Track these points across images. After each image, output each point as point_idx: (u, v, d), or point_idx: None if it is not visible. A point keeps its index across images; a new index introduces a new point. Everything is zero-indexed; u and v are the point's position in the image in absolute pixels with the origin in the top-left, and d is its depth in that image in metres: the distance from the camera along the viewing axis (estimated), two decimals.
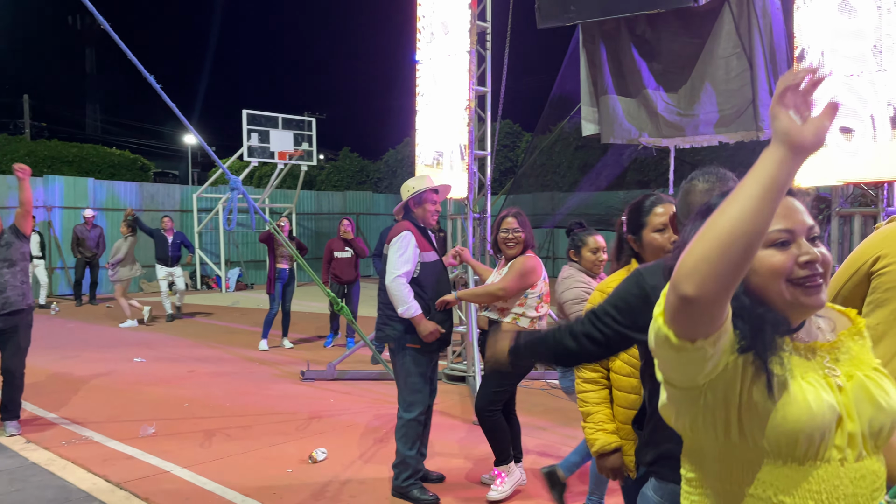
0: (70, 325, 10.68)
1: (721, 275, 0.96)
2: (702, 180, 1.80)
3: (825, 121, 0.99)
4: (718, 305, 0.99)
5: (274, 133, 15.77)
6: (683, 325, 1.02)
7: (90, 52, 42.11)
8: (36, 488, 4.09)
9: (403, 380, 3.95)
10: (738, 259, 0.96)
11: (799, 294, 1.14)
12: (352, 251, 8.58)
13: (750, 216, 0.95)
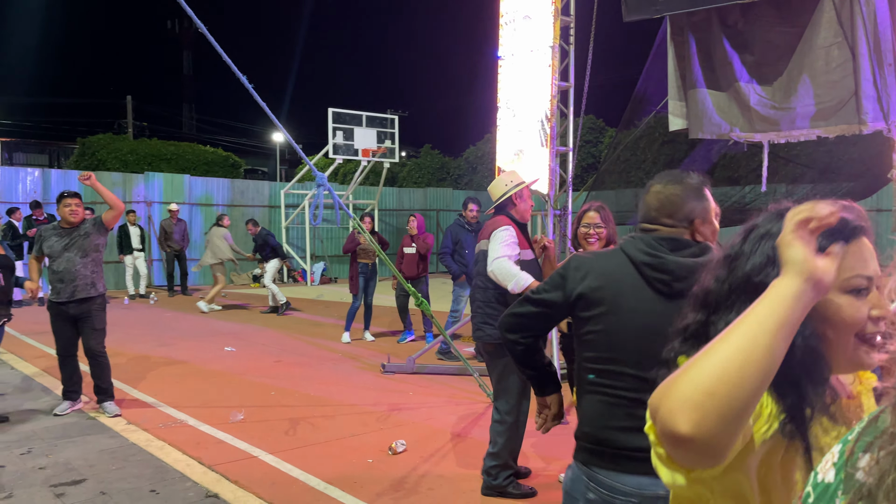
0: (167, 315, 11.27)
1: (726, 415, 0.85)
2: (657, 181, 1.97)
3: (835, 261, 0.93)
4: (722, 444, 0.87)
5: (358, 131, 16.11)
6: (683, 460, 0.91)
7: (187, 55, 44.22)
8: (135, 467, 4.35)
9: (505, 379, 3.87)
10: (749, 398, 0.85)
11: (863, 352, 1.02)
12: (416, 247, 8.69)
13: (764, 352, 0.86)
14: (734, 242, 1.13)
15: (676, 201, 1.90)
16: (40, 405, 5.76)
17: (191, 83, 44.80)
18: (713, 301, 1.10)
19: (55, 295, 5.36)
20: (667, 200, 1.91)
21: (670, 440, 0.87)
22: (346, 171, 21.50)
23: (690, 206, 1.91)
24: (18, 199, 14.19)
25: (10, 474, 4.20)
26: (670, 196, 1.91)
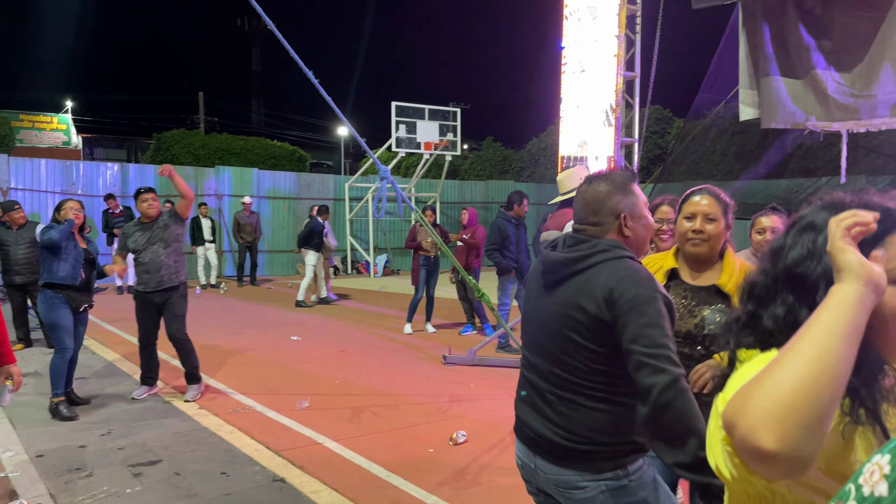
0: (236, 304, 11.64)
1: (810, 425, 0.84)
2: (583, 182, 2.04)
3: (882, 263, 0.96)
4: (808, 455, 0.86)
5: (421, 124, 16.21)
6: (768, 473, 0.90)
7: (256, 52, 45.33)
8: (207, 450, 4.52)
9: None
10: (829, 406, 0.85)
11: None
12: (467, 238, 8.70)
13: (838, 359, 0.87)
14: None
15: (600, 198, 1.94)
16: (119, 389, 6.05)
17: (259, 79, 45.94)
18: (759, 293, 1.12)
19: (142, 285, 5.63)
20: (592, 199, 1.96)
21: (754, 457, 0.86)
22: (409, 165, 21.68)
23: (614, 201, 1.94)
24: (99, 192, 14.89)
25: (92, 454, 4.43)
26: (594, 194, 1.96)
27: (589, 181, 2.00)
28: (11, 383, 3.33)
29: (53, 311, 5.21)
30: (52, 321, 5.23)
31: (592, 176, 2.02)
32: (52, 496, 3.75)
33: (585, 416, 1.83)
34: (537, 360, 1.94)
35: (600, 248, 1.87)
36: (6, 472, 4.08)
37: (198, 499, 3.73)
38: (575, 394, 1.84)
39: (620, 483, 1.85)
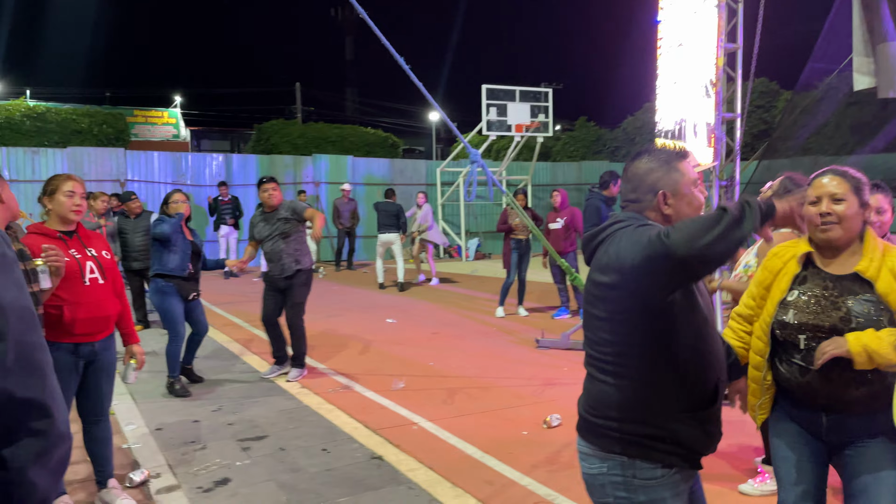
0: (334, 288, 12.02)
1: None
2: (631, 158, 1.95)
3: None
4: None
5: (511, 106, 16.08)
6: None
7: (349, 41, 46.26)
8: (309, 427, 4.72)
9: None
10: None
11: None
12: (563, 222, 8.55)
13: None
14: None
15: (639, 174, 1.88)
16: (229, 368, 6.39)
17: (353, 68, 46.93)
18: None
19: (269, 269, 5.96)
20: (632, 175, 1.90)
21: None
22: (500, 148, 21.59)
23: (653, 178, 1.85)
24: (205, 182, 15.72)
25: (205, 428, 4.72)
26: (635, 171, 1.90)
27: (633, 157, 1.95)
28: (135, 362, 3.59)
29: (165, 300, 5.54)
30: (164, 309, 5.56)
31: (637, 152, 1.96)
32: (171, 467, 4.03)
33: (598, 389, 1.85)
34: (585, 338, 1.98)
35: (618, 218, 1.85)
36: (129, 444, 4.41)
37: (301, 473, 3.90)
38: (593, 367, 1.87)
39: (625, 474, 1.80)
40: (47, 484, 1.05)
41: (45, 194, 3.25)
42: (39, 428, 1.01)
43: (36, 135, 15.32)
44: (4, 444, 0.98)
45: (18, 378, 0.98)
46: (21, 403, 0.98)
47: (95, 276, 3.27)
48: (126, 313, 3.57)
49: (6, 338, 0.96)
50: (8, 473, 0.99)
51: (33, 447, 1.01)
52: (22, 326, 0.99)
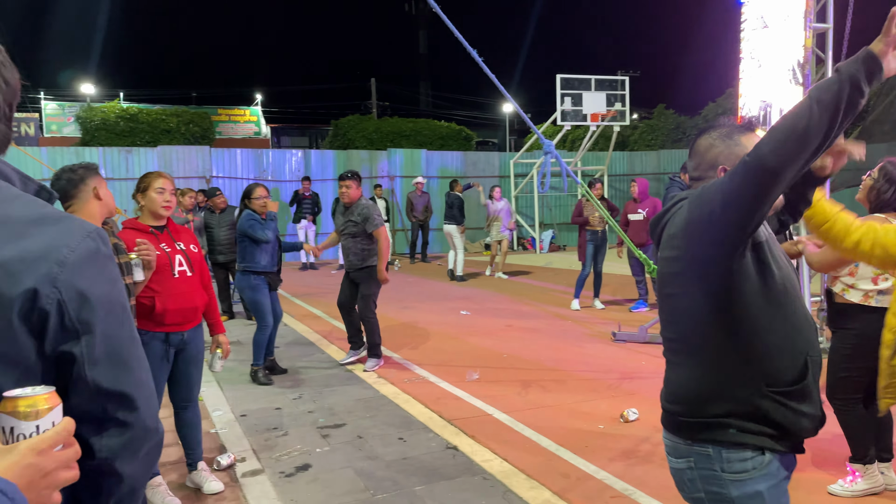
0: (409, 280, 12.17)
1: None
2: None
3: None
4: None
5: (587, 95, 15.82)
6: None
7: (423, 35, 46.51)
8: (385, 415, 4.82)
9: None
10: None
11: None
12: (644, 214, 8.33)
13: None
14: None
15: (700, 151, 1.86)
16: (308, 358, 6.59)
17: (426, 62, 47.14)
18: None
19: (345, 262, 6.20)
20: (694, 152, 1.89)
21: None
22: (575, 138, 21.27)
23: (714, 153, 1.81)
24: (286, 178, 16.20)
25: (286, 415, 4.89)
26: (696, 148, 1.88)
27: (697, 134, 1.91)
28: (221, 351, 3.76)
29: (256, 293, 5.75)
30: (256, 301, 5.77)
31: (702, 128, 1.92)
32: (255, 451, 4.19)
33: (675, 374, 1.80)
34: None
35: (679, 198, 1.82)
36: (216, 429, 4.61)
37: (378, 461, 3.99)
38: (669, 352, 1.84)
39: (712, 466, 1.70)
40: (135, 474, 1.09)
41: (139, 191, 3.43)
42: (125, 420, 1.05)
43: (129, 135, 16.16)
44: (92, 435, 1.03)
45: (106, 370, 1.02)
46: (108, 395, 1.03)
47: (184, 268, 3.43)
48: (213, 304, 3.73)
49: (93, 330, 1.00)
50: (96, 463, 1.04)
51: (119, 438, 1.05)
52: (111, 320, 1.03)
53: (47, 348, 0.97)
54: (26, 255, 0.95)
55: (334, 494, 3.57)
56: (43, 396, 0.87)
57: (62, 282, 0.97)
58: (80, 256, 1.00)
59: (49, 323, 0.96)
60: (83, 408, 1.01)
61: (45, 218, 1.00)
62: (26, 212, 0.99)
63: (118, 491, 1.08)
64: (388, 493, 3.56)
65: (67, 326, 0.98)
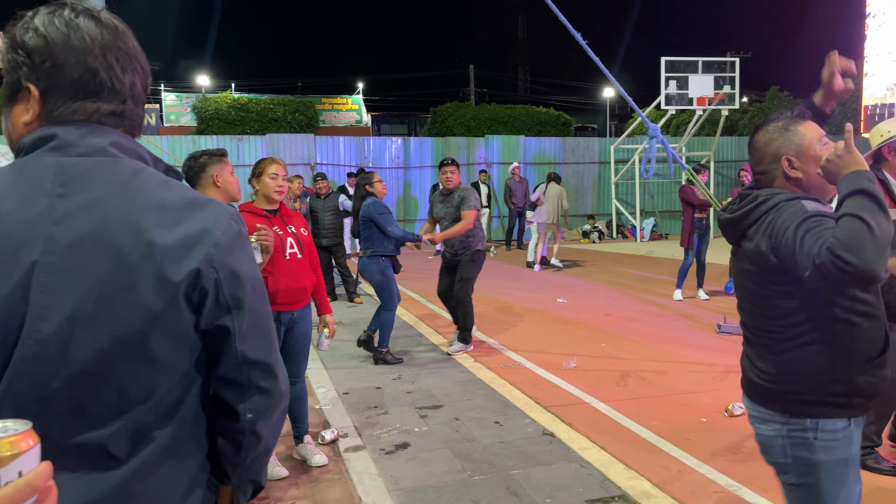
0: (504, 267, 12.18)
1: None
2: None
3: None
4: None
5: (693, 78, 15.21)
6: None
7: (522, 20, 46.10)
8: (482, 399, 4.87)
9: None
10: None
11: None
12: None
13: None
14: None
15: (759, 146, 1.91)
16: (406, 339, 6.74)
17: (525, 47, 46.71)
18: None
19: (444, 248, 6.30)
20: (754, 148, 1.93)
21: None
22: (680, 123, 20.50)
23: (774, 146, 1.86)
24: (385, 165, 16.56)
25: (386, 395, 5.04)
26: (755, 143, 1.93)
27: (753, 131, 1.95)
28: (328, 331, 3.92)
29: (385, 276, 5.91)
30: (385, 283, 5.90)
31: (757, 125, 1.96)
32: (357, 428, 4.36)
33: (776, 358, 1.88)
34: (742, 313, 2.02)
35: (760, 200, 1.84)
36: (320, 405, 4.82)
37: (475, 443, 4.05)
38: (767, 338, 1.91)
39: (805, 435, 1.83)
40: (270, 436, 1.21)
41: (254, 176, 3.62)
42: (266, 387, 1.16)
43: (240, 124, 16.98)
44: (238, 401, 1.15)
45: (251, 342, 1.12)
46: (253, 364, 1.13)
47: (294, 250, 3.60)
48: (321, 285, 3.89)
49: (243, 306, 1.10)
50: (240, 425, 1.16)
51: (261, 403, 1.16)
52: (255, 296, 1.13)
53: (203, 323, 1.07)
54: (187, 239, 1.04)
55: (432, 473, 3.66)
56: (5, 441, 0.69)
57: (218, 262, 1.06)
58: (229, 238, 1.09)
59: (207, 300, 1.06)
60: (230, 376, 1.13)
61: (195, 202, 1.09)
62: (178, 197, 1.08)
63: (255, 450, 1.20)
64: (484, 474, 3.61)
65: (221, 303, 1.07)
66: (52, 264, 0.98)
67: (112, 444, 1.01)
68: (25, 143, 1.05)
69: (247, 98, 18.22)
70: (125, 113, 1.11)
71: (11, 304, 0.96)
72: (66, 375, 0.98)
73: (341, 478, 3.66)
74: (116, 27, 1.10)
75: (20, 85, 1.05)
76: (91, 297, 0.98)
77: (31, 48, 1.04)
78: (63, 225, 0.99)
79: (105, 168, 1.04)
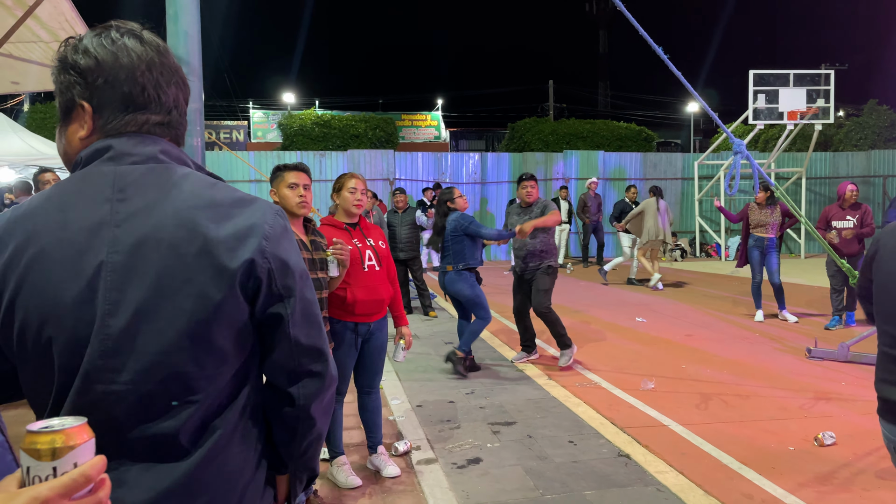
0: (581, 284, 12.00)
1: None
2: None
3: None
4: None
5: (783, 91, 14.62)
6: None
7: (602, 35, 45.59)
8: (556, 418, 4.80)
9: None
10: None
11: None
12: (853, 221, 7.49)
13: None
14: None
15: None
16: (480, 354, 6.73)
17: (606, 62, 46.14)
18: None
19: (516, 264, 6.28)
20: None
21: None
22: (768, 138, 19.73)
23: None
24: (462, 180, 16.67)
25: (459, 409, 5.04)
26: None
27: None
28: (404, 342, 3.97)
29: (475, 288, 5.97)
30: (475, 295, 5.95)
31: None
32: (429, 441, 4.38)
33: None
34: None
35: None
36: (394, 417, 4.87)
37: (548, 462, 4.00)
38: None
39: None
40: (322, 419, 1.26)
41: (334, 191, 3.73)
42: (318, 371, 1.22)
43: (322, 140, 17.51)
44: (291, 385, 1.20)
45: (303, 328, 1.19)
46: (305, 349, 1.19)
47: (373, 263, 3.67)
48: (398, 298, 3.95)
49: (294, 293, 1.17)
50: (295, 409, 1.21)
51: (313, 387, 1.22)
52: (304, 284, 1.19)
53: (257, 312, 1.14)
54: (238, 233, 1.11)
55: (504, 490, 3.63)
56: (62, 434, 0.73)
57: (269, 252, 1.13)
58: (277, 231, 1.16)
59: (261, 289, 1.13)
60: (283, 362, 1.19)
61: (242, 200, 1.16)
62: (226, 195, 1.15)
63: (310, 434, 1.25)
64: (557, 493, 3.56)
65: (274, 291, 1.14)
66: (118, 263, 1.06)
67: (180, 434, 1.07)
68: (83, 156, 1.14)
69: (330, 115, 18.76)
70: (171, 123, 1.20)
71: (83, 303, 1.04)
72: (135, 368, 1.05)
73: (413, 490, 3.68)
74: (158, 45, 1.18)
75: (74, 103, 1.14)
76: (155, 292, 1.05)
77: (83, 68, 1.13)
78: (125, 227, 1.07)
79: (158, 173, 1.13)
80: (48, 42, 4.52)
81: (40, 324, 1.04)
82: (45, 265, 1.05)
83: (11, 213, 1.12)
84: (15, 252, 1.06)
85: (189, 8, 2.99)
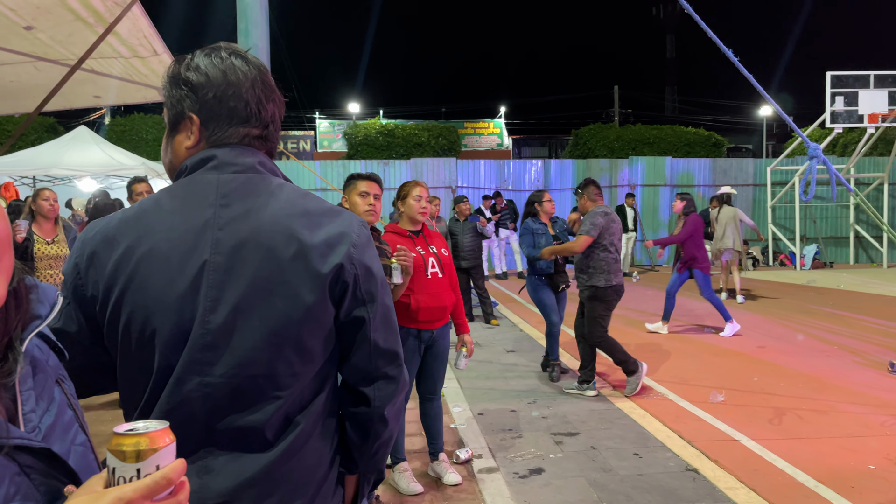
0: (648, 293, 11.74)
1: None
2: None
3: None
4: None
5: (863, 94, 13.97)
6: None
7: (670, 39, 44.64)
8: (620, 430, 4.71)
9: None
10: None
11: None
12: None
13: None
14: None
15: None
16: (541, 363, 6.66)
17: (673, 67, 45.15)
18: None
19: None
20: None
21: None
22: (847, 142, 18.87)
23: None
24: (525, 188, 16.57)
25: (521, 419, 5.00)
26: None
27: None
28: (466, 350, 3.97)
29: (538, 293, 5.95)
30: (537, 300, 5.96)
31: None
32: (491, 450, 4.35)
33: None
34: None
35: None
36: (456, 424, 4.87)
37: (612, 474, 3.92)
38: None
39: None
40: (394, 422, 1.30)
41: (399, 198, 3.77)
42: (393, 374, 1.27)
43: (386, 149, 17.73)
44: (368, 387, 1.25)
45: (382, 332, 1.24)
46: (383, 353, 1.25)
47: (435, 270, 3.69)
48: (459, 305, 3.96)
49: (376, 299, 1.23)
50: (370, 410, 1.26)
51: (388, 389, 1.27)
52: (384, 291, 1.25)
53: (342, 314, 1.20)
54: (330, 240, 1.18)
55: (566, 501, 3.58)
56: (146, 437, 0.75)
57: (356, 259, 1.20)
58: (362, 240, 1.22)
59: (347, 293, 1.19)
60: (361, 364, 1.25)
61: (331, 210, 1.23)
62: (317, 205, 1.23)
63: (382, 436, 1.30)
64: None
65: (358, 296, 1.21)
66: (220, 263, 1.13)
67: (265, 427, 1.14)
68: (188, 164, 1.23)
69: (393, 124, 18.99)
70: (267, 136, 1.28)
71: (186, 299, 1.12)
72: (229, 363, 1.12)
73: (474, 498, 3.67)
74: (260, 66, 1.27)
75: (183, 115, 1.24)
76: (252, 291, 1.13)
77: (194, 84, 1.22)
78: (227, 230, 1.15)
79: (256, 182, 1.21)
80: (127, 58, 4.74)
81: (146, 317, 1.12)
82: (154, 263, 1.13)
83: (122, 214, 1.21)
84: (127, 250, 1.15)
85: (259, 22, 3.10)
